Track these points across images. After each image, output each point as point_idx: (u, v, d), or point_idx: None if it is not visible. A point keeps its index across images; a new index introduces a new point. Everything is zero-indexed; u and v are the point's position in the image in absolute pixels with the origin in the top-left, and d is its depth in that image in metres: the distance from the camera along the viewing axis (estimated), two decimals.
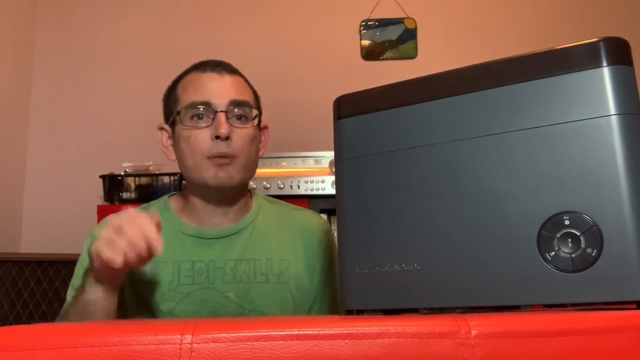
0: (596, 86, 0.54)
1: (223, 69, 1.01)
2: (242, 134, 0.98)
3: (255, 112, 1.02)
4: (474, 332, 0.43)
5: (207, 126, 0.96)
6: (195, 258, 0.99)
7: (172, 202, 1.07)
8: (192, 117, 0.98)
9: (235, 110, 0.98)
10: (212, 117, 0.97)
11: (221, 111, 0.96)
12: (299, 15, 2.47)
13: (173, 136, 1.03)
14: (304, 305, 1.04)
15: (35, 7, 2.46)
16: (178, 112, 0.99)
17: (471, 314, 0.48)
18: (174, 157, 1.04)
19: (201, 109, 0.97)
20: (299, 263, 1.04)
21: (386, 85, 0.65)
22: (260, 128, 1.06)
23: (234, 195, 1.03)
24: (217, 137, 0.95)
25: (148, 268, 0.97)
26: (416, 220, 0.60)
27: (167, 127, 1.05)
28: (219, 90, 0.98)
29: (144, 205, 1.09)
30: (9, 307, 1.89)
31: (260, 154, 1.06)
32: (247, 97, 1.01)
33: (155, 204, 1.07)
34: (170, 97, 1.04)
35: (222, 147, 0.95)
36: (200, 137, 0.96)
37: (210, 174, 0.96)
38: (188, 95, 0.99)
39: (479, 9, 2.47)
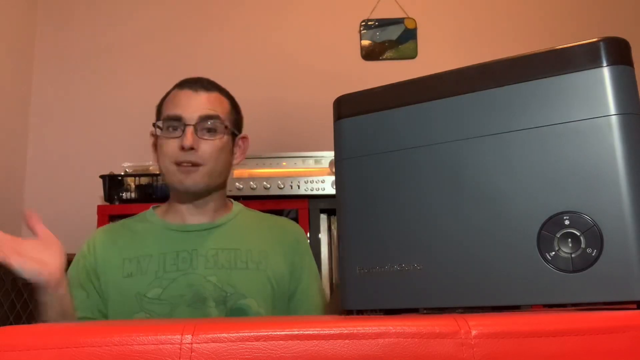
0: (596, 86, 0.54)
1: (200, 87, 1.13)
2: (209, 144, 1.10)
3: (226, 124, 1.13)
4: (474, 332, 0.43)
5: (177, 137, 1.09)
6: (180, 248, 1.10)
7: (156, 210, 1.20)
8: (167, 128, 1.11)
9: (205, 123, 1.10)
10: (183, 129, 1.09)
11: (189, 125, 1.08)
12: (299, 15, 2.46)
13: (155, 142, 1.17)
14: (283, 293, 1.13)
15: (35, 7, 2.46)
16: (156, 124, 1.14)
17: (471, 314, 0.48)
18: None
19: (174, 122, 1.10)
20: (278, 255, 1.14)
21: (386, 85, 0.65)
22: (234, 139, 1.17)
23: (205, 196, 1.14)
24: (183, 148, 1.07)
25: (135, 264, 1.08)
26: (416, 220, 0.60)
27: (155, 133, 1.18)
28: (191, 106, 1.10)
29: (135, 216, 1.20)
30: (9, 307, 1.89)
31: (235, 162, 1.19)
32: (218, 111, 1.12)
33: (142, 213, 1.20)
34: (158, 109, 1.18)
35: (187, 156, 1.08)
36: (171, 146, 1.10)
37: (177, 179, 1.10)
38: (167, 108, 1.13)
39: (479, 9, 2.47)
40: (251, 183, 1.83)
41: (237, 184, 1.82)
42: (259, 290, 1.08)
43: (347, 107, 0.67)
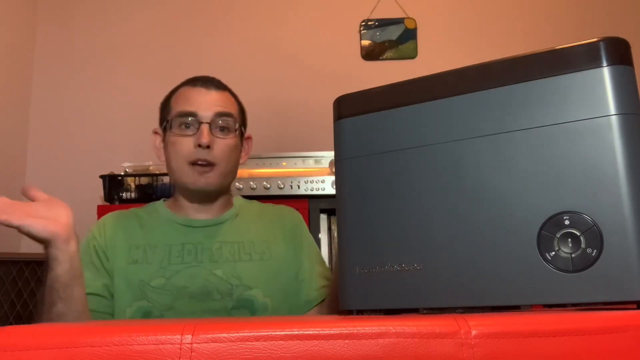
0: (596, 86, 0.54)
1: (211, 85, 1.13)
2: (223, 143, 1.09)
3: (237, 124, 1.13)
4: (474, 332, 0.43)
5: (192, 135, 1.08)
6: (185, 240, 1.11)
7: (164, 203, 1.21)
8: (180, 125, 1.09)
9: (219, 121, 1.09)
10: (197, 126, 1.08)
11: (205, 122, 1.07)
12: (299, 15, 2.47)
13: (164, 140, 1.15)
14: (290, 279, 1.13)
15: (35, 8, 2.46)
16: (168, 120, 1.11)
17: (471, 314, 0.48)
18: (163, 159, 1.16)
19: (189, 119, 1.09)
20: (279, 243, 1.15)
21: (386, 85, 0.65)
22: (242, 139, 1.17)
23: (214, 196, 1.14)
24: (199, 145, 1.06)
25: (141, 252, 1.09)
26: (416, 220, 0.60)
27: (160, 131, 1.18)
28: (205, 103, 1.09)
29: (145, 206, 1.21)
30: (9, 307, 1.89)
31: (241, 162, 1.18)
32: (231, 110, 1.12)
33: (152, 204, 1.20)
34: (165, 106, 1.16)
35: (203, 155, 1.07)
36: (185, 144, 1.08)
37: (191, 179, 1.08)
38: (179, 105, 1.11)
39: (479, 9, 2.47)
40: (251, 183, 1.83)
41: (237, 184, 1.82)
42: (265, 280, 1.09)
43: (347, 107, 0.67)
